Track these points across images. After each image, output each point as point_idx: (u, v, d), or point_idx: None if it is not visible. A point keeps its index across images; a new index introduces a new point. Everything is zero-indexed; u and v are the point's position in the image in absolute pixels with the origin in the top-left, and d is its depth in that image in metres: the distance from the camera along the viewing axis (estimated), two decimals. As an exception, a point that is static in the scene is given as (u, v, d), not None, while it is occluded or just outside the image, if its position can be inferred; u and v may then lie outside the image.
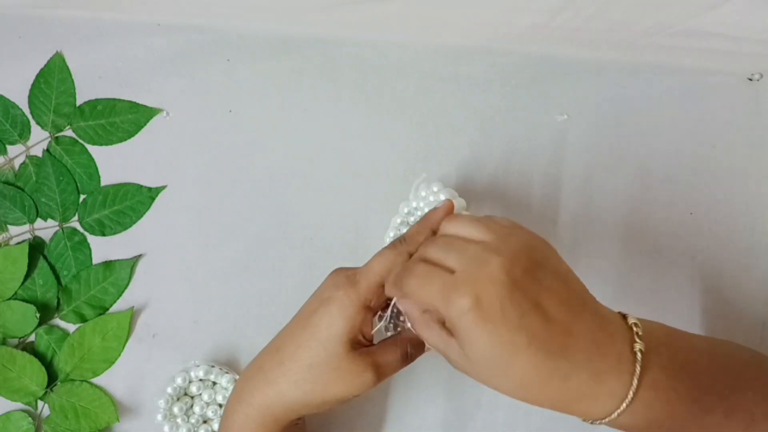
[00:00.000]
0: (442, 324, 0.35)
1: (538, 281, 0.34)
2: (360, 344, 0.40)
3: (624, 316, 0.36)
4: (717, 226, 0.52)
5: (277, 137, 0.53)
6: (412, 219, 0.46)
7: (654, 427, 0.35)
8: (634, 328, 0.35)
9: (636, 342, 0.34)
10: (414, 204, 0.46)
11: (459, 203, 0.44)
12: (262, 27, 0.53)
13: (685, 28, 0.50)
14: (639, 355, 0.33)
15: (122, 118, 0.53)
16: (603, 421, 0.34)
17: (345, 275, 0.40)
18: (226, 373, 0.49)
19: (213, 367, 0.49)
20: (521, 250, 0.34)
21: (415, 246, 0.39)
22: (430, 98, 0.53)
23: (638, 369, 0.33)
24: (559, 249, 0.51)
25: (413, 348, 0.41)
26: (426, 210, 0.43)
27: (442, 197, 0.43)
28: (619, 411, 0.33)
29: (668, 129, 0.53)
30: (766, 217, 0.52)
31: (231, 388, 0.49)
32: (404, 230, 0.45)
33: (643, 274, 0.51)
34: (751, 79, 0.53)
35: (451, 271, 0.34)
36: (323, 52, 0.53)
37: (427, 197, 0.44)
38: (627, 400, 0.33)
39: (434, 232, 0.40)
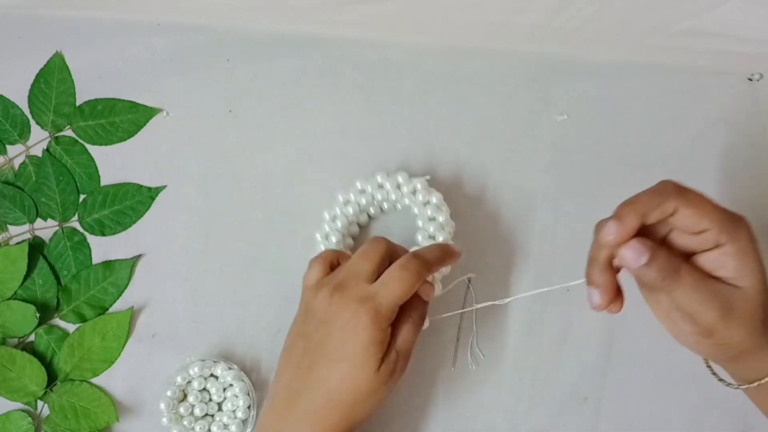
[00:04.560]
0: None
1: None
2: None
3: None
4: (717, 226, 0.52)
5: (277, 137, 0.53)
6: (378, 197, 0.49)
7: None
8: None
9: None
10: (388, 185, 0.49)
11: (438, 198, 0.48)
12: (262, 27, 0.53)
13: (685, 28, 0.50)
14: None
15: (122, 118, 0.53)
16: (751, 385, 0.38)
17: (366, 303, 0.40)
18: (230, 368, 0.49)
19: (214, 361, 0.49)
20: None
21: (430, 273, 0.42)
22: (430, 98, 0.53)
23: None
24: (559, 248, 0.51)
25: (421, 308, 0.43)
26: (395, 195, 0.48)
27: (399, 178, 0.48)
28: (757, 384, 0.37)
29: (668, 129, 0.53)
30: (766, 217, 0.52)
31: (230, 378, 0.49)
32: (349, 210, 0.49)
33: (643, 274, 0.51)
34: (751, 79, 0.53)
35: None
36: (323, 52, 0.53)
37: (402, 185, 0.49)
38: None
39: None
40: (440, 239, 0.47)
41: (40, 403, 0.50)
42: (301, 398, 0.41)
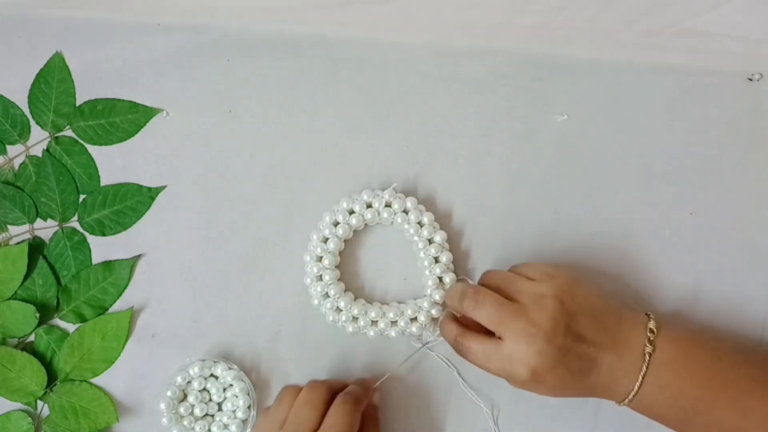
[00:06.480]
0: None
1: (577, 331, 0.42)
2: None
3: (648, 317, 0.44)
4: (717, 226, 0.52)
5: (277, 137, 0.53)
6: (368, 216, 0.50)
7: (670, 407, 0.42)
8: (649, 334, 0.43)
9: (647, 346, 0.42)
10: (376, 204, 0.50)
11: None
12: (262, 27, 0.53)
13: (685, 28, 0.50)
14: (647, 357, 0.42)
15: (122, 118, 0.53)
16: (622, 403, 0.43)
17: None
18: (230, 369, 0.49)
19: (214, 361, 0.49)
20: (559, 311, 0.42)
21: (363, 403, 0.46)
22: (430, 98, 0.53)
23: (644, 369, 0.42)
24: (559, 248, 0.51)
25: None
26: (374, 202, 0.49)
27: (386, 195, 0.50)
28: (628, 399, 0.42)
29: (668, 129, 0.53)
30: (766, 217, 0.52)
31: (230, 378, 0.49)
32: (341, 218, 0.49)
33: (643, 274, 0.51)
34: (751, 79, 0.53)
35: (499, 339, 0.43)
36: (323, 52, 0.53)
37: (382, 196, 0.50)
38: (633, 393, 0.42)
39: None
40: (443, 259, 0.50)
41: (40, 403, 0.50)
42: None
